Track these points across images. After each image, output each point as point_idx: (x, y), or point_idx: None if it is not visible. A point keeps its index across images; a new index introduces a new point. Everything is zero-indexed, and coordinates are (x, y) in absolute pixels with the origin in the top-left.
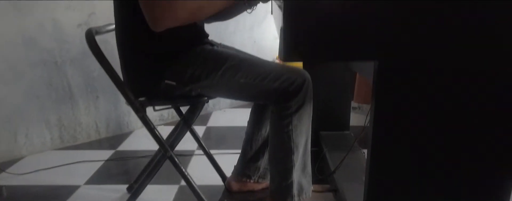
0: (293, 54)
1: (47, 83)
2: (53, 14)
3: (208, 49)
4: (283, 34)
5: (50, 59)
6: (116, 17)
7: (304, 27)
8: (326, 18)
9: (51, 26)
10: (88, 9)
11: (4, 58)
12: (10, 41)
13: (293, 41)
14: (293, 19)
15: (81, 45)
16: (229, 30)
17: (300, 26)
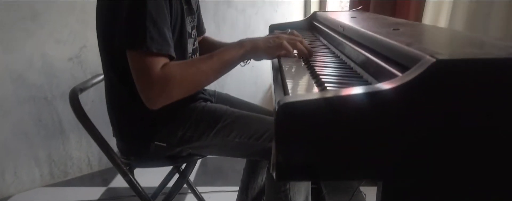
0: (288, 175)
1: (36, 119)
2: (43, 49)
3: (200, 107)
4: (276, 152)
5: (40, 95)
6: (104, 75)
7: (300, 146)
8: (325, 136)
9: (41, 62)
10: (79, 42)
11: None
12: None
13: (288, 161)
14: (287, 138)
15: (72, 78)
16: None
17: (295, 146)
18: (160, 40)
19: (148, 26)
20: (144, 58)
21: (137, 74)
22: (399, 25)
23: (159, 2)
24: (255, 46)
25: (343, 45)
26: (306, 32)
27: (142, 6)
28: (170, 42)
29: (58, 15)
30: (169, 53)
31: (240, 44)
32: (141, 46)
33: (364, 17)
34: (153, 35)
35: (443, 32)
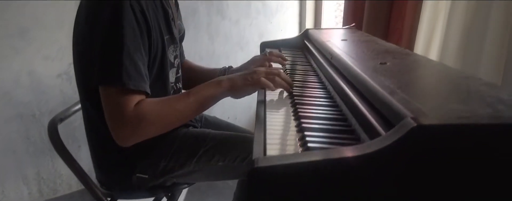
0: None
1: (24, 136)
2: (31, 66)
3: (182, 134)
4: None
5: (27, 113)
6: (81, 105)
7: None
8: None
9: (28, 79)
10: (68, 58)
11: None
12: None
13: None
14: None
15: (61, 95)
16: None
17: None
18: (136, 76)
19: (124, 61)
20: (117, 95)
21: (109, 111)
22: (388, 54)
23: (137, 35)
24: (233, 84)
25: (331, 75)
26: (298, 52)
27: (119, 39)
28: (146, 78)
29: (46, 31)
30: (144, 89)
31: (218, 83)
32: (115, 83)
33: (355, 39)
34: (129, 71)
35: (429, 71)
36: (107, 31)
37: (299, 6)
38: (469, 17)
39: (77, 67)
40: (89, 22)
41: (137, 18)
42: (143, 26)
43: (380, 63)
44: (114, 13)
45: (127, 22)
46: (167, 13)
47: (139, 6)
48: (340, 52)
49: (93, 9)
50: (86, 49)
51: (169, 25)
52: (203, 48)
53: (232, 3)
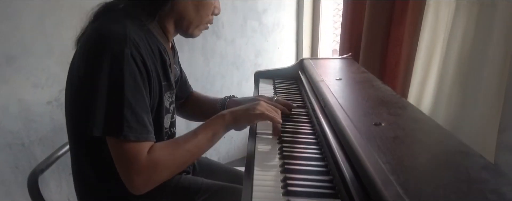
0: None
1: (13, 166)
2: (19, 94)
3: (174, 184)
4: None
5: (16, 142)
6: (71, 151)
7: None
8: None
9: (17, 107)
10: (59, 84)
11: None
12: None
13: None
14: None
15: (51, 122)
16: (215, 88)
17: None
18: (138, 127)
19: (126, 114)
20: (128, 145)
21: (121, 162)
22: (383, 108)
23: (138, 86)
24: (235, 118)
25: (322, 126)
26: (292, 85)
27: (120, 93)
28: (149, 126)
29: (35, 59)
30: (148, 139)
31: (222, 118)
32: (117, 135)
33: (350, 78)
34: (131, 123)
35: (426, 140)
36: (108, 83)
37: (296, 23)
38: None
39: (69, 112)
40: (89, 70)
41: (138, 67)
42: (144, 75)
43: (374, 124)
44: (115, 64)
45: (129, 72)
46: (164, 60)
47: (139, 56)
48: (334, 102)
49: (93, 57)
50: (82, 96)
51: (167, 72)
52: (198, 69)
53: (227, 23)
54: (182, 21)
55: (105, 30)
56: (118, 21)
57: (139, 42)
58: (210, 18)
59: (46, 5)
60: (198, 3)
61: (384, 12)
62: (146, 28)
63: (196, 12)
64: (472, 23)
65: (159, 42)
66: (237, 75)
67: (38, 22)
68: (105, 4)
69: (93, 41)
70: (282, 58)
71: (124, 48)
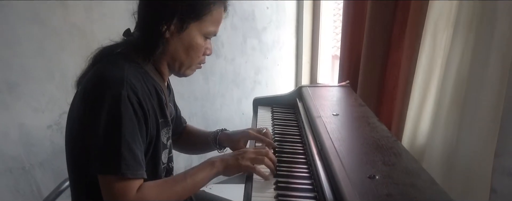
0: None
1: (14, 190)
2: (20, 119)
3: None
4: None
5: (17, 166)
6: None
7: None
8: None
9: (18, 132)
10: (59, 109)
11: None
12: None
13: None
14: None
15: (51, 146)
16: (215, 106)
17: None
18: (134, 165)
19: (123, 152)
20: (119, 183)
21: (111, 198)
22: (378, 155)
23: (135, 125)
24: (226, 166)
25: (319, 173)
26: (290, 115)
27: (118, 131)
28: (143, 164)
29: (36, 84)
30: (142, 176)
31: (212, 164)
32: (115, 172)
33: (348, 112)
34: (128, 161)
35: (423, 198)
36: (106, 123)
37: (295, 40)
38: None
39: (70, 153)
40: (89, 111)
41: (134, 109)
42: (141, 115)
43: (368, 177)
44: (113, 105)
45: (126, 114)
46: (161, 99)
47: (136, 97)
48: (330, 146)
49: (93, 99)
50: (82, 137)
51: (163, 110)
52: (197, 88)
53: (227, 42)
54: (175, 63)
55: (104, 73)
56: (117, 64)
57: (136, 83)
58: (201, 58)
59: (46, 31)
60: (188, 45)
61: (382, 36)
62: (143, 70)
63: (187, 54)
64: (469, 48)
65: (155, 82)
66: (237, 93)
67: (39, 48)
68: (103, 48)
69: (93, 84)
70: (282, 74)
71: (121, 90)
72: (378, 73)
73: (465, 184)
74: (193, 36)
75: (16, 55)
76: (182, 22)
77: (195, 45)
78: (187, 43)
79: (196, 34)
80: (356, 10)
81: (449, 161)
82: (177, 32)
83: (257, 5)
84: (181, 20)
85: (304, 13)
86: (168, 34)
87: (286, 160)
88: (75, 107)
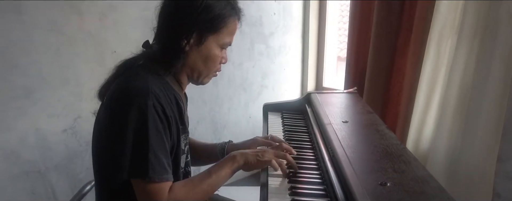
0: None
1: (30, 192)
2: (36, 124)
3: None
4: None
5: (33, 169)
6: (96, 193)
7: None
8: None
9: (34, 137)
10: (73, 113)
11: None
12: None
13: None
14: None
15: (66, 150)
16: (223, 110)
17: None
18: (160, 169)
19: (150, 158)
20: (148, 186)
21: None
22: (388, 163)
23: (159, 133)
24: (246, 161)
25: (332, 180)
26: (300, 121)
27: (145, 140)
28: (169, 168)
29: (51, 90)
30: (168, 180)
31: (233, 159)
32: (143, 176)
33: (356, 120)
34: (155, 166)
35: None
36: (134, 131)
37: (301, 44)
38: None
39: (96, 158)
40: (116, 121)
41: (160, 117)
42: (165, 123)
43: (380, 184)
44: (140, 114)
45: (152, 122)
46: (180, 107)
47: (160, 106)
48: (341, 153)
49: (120, 110)
50: (109, 145)
51: (182, 117)
52: (206, 92)
53: (235, 48)
54: (193, 73)
55: (129, 84)
56: (140, 76)
57: (159, 93)
58: (218, 67)
59: (62, 39)
60: (206, 57)
61: (388, 42)
62: (164, 81)
63: (205, 65)
64: (472, 55)
65: (175, 92)
66: (245, 97)
67: (55, 56)
68: (125, 61)
69: (119, 95)
70: (288, 78)
71: (147, 100)
72: (383, 78)
73: (469, 188)
74: (211, 48)
75: (33, 62)
76: (200, 36)
77: (213, 56)
78: (205, 54)
79: (214, 46)
80: (363, 13)
81: (452, 166)
82: (196, 45)
83: (264, 11)
84: (200, 34)
85: (310, 18)
86: (188, 47)
87: (300, 166)
88: (101, 118)
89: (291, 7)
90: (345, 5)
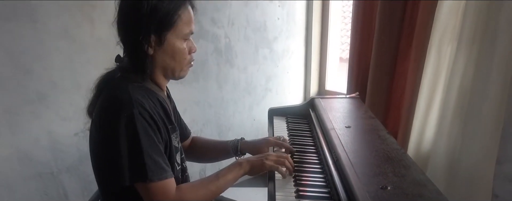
0: None
1: (43, 193)
2: (49, 127)
3: None
4: None
5: (46, 171)
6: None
7: None
8: None
9: (47, 139)
10: (84, 117)
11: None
12: (4, 160)
13: None
14: None
15: (78, 152)
16: (228, 113)
17: None
18: (158, 169)
19: (147, 162)
20: (155, 186)
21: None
22: (388, 167)
23: (150, 137)
24: (252, 167)
25: (334, 179)
26: (304, 125)
27: (138, 146)
28: (166, 167)
29: (64, 95)
30: (169, 177)
31: (240, 165)
32: (144, 179)
33: (359, 124)
34: (152, 168)
35: None
36: (127, 141)
37: (304, 48)
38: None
39: (96, 172)
40: (108, 134)
41: (148, 122)
42: (154, 127)
43: (381, 187)
44: (129, 124)
45: (141, 129)
46: (165, 108)
47: (146, 112)
48: (345, 158)
49: (108, 123)
50: (105, 156)
51: (169, 117)
52: (212, 96)
53: (240, 52)
54: (167, 71)
55: (113, 98)
56: (121, 88)
57: (142, 100)
58: (189, 58)
59: (74, 46)
60: (172, 53)
61: (390, 48)
62: (144, 87)
63: (174, 60)
64: (472, 60)
65: (157, 94)
66: (249, 100)
67: (67, 61)
68: (103, 76)
69: (106, 109)
70: (291, 82)
71: (133, 109)
72: (386, 83)
73: (468, 189)
74: (173, 43)
75: (47, 68)
76: (159, 36)
77: (178, 50)
78: (170, 51)
79: (175, 41)
80: (365, 13)
81: (452, 167)
82: (158, 45)
83: (268, 16)
84: (157, 34)
85: (313, 22)
86: (151, 50)
87: (305, 169)
88: (93, 133)
89: (294, 12)
90: (347, 6)
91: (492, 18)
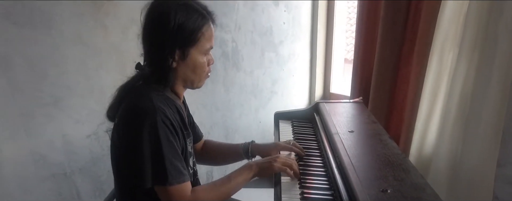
0: None
1: (56, 193)
2: (63, 130)
3: None
4: None
5: (59, 172)
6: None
7: None
8: None
9: (61, 142)
10: (97, 120)
11: (14, 177)
12: (20, 162)
13: None
14: None
15: (90, 154)
16: (234, 115)
17: None
18: (177, 174)
19: (167, 166)
20: (173, 189)
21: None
22: (389, 171)
23: (172, 142)
24: (261, 169)
25: (337, 182)
26: (309, 129)
27: (160, 151)
28: (184, 170)
29: (78, 99)
30: (186, 180)
31: (250, 168)
32: (165, 183)
33: (361, 129)
34: (172, 172)
35: None
36: (150, 146)
37: (310, 52)
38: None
39: (117, 170)
40: (131, 139)
41: (169, 129)
42: (174, 133)
43: (381, 191)
44: (152, 131)
45: (163, 135)
46: (181, 115)
47: (167, 119)
48: (347, 162)
49: (133, 129)
50: (127, 160)
51: (185, 124)
52: (219, 99)
53: (247, 56)
54: (187, 82)
55: (137, 105)
56: (144, 96)
57: (164, 108)
58: (207, 70)
59: (87, 51)
60: (194, 67)
61: (393, 53)
62: (164, 96)
63: (195, 73)
64: (473, 66)
65: (175, 102)
66: (255, 103)
67: (81, 66)
68: (126, 84)
69: (129, 117)
70: (297, 85)
71: (156, 117)
72: (388, 87)
73: (469, 191)
74: (196, 58)
75: (61, 73)
76: (183, 52)
77: (199, 64)
78: (192, 65)
79: (197, 56)
80: (370, 14)
81: (454, 170)
82: (181, 60)
83: (274, 21)
84: (182, 50)
85: (318, 26)
86: (175, 64)
87: (310, 172)
88: (116, 138)
89: (300, 16)
90: (353, 7)
91: (492, 25)
